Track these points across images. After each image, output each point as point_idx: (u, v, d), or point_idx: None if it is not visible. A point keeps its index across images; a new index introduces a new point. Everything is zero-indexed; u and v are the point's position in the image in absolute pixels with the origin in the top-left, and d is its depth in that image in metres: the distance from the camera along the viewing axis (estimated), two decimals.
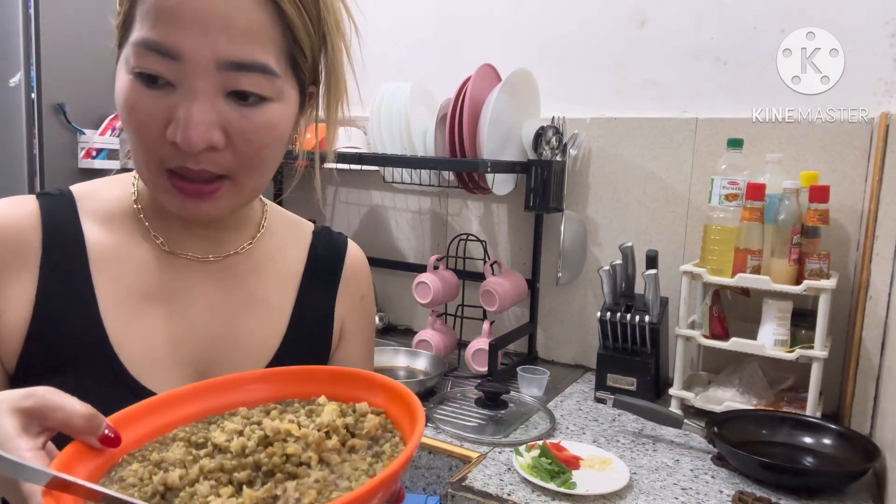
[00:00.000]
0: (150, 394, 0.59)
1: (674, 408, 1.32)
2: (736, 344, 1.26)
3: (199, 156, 0.55)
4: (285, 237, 0.74)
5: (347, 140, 1.79)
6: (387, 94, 1.64)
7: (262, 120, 0.56)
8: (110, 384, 0.60)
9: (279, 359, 0.68)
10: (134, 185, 0.67)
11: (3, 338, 0.58)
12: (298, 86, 0.61)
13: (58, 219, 0.62)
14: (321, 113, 0.69)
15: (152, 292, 0.63)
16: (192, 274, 0.66)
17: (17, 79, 1.34)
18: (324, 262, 0.74)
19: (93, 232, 0.63)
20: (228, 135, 0.56)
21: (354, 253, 0.77)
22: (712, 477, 1.10)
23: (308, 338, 0.72)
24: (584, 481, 1.03)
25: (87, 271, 0.61)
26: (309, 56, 0.60)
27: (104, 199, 0.65)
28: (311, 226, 0.78)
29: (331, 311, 0.74)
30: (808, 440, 1.17)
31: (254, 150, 0.57)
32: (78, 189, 0.66)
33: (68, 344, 0.59)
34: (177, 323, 0.64)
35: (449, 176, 1.65)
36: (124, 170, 0.71)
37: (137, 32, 0.54)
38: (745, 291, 1.37)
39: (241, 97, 0.55)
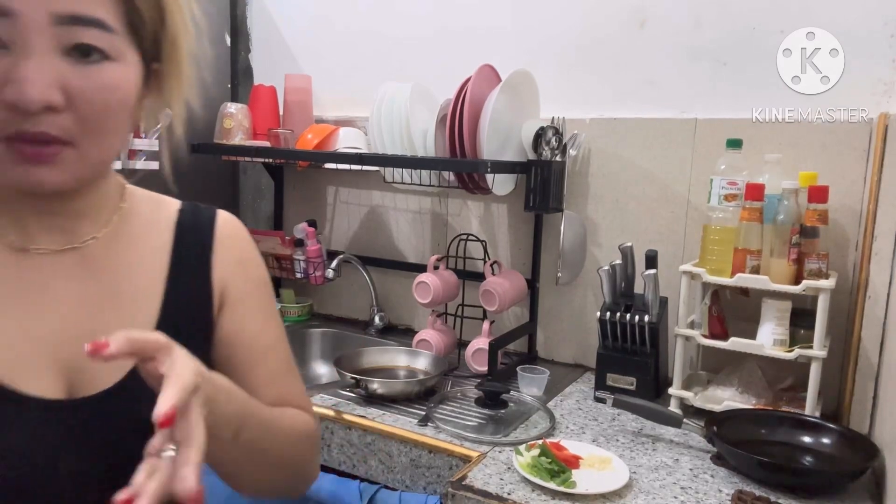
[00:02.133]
0: (22, 396, 0.58)
1: (673, 407, 1.32)
2: (735, 344, 1.26)
3: (38, 117, 0.53)
4: (149, 218, 0.71)
5: (347, 140, 1.80)
6: (387, 94, 1.64)
7: (102, 79, 0.55)
8: None
9: None
10: None
11: None
12: (140, 53, 0.59)
13: None
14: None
15: (5, 293, 0.60)
16: (47, 269, 0.62)
17: None
18: (192, 236, 0.72)
19: None
20: (69, 96, 0.54)
21: (225, 219, 0.75)
22: (711, 476, 1.10)
23: (186, 313, 0.69)
24: (584, 480, 1.03)
25: None
26: (149, 25, 0.59)
27: None
28: (177, 203, 0.74)
29: (207, 280, 0.71)
30: (807, 439, 1.17)
31: (96, 112, 0.55)
32: None
33: None
34: (36, 323, 0.61)
35: (449, 176, 1.66)
36: None
37: None
38: (744, 291, 1.37)
39: (81, 53, 0.54)
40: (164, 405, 0.48)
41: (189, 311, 0.69)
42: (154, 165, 1.52)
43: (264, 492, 0.74)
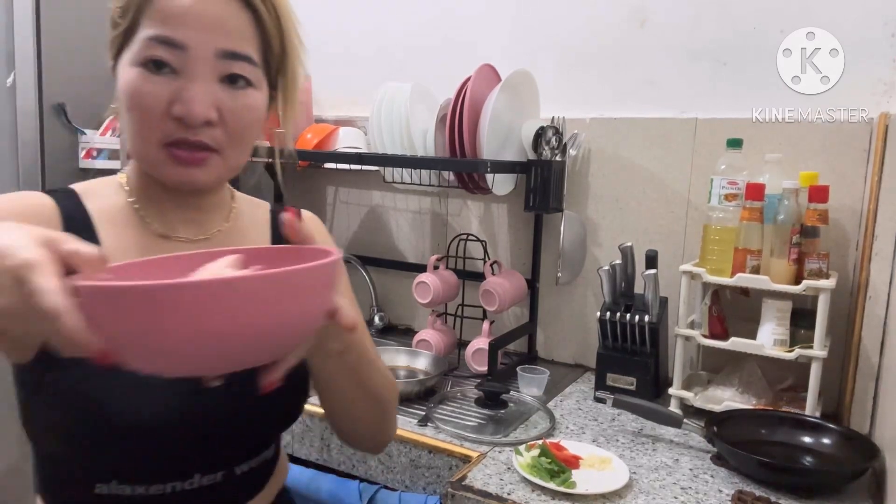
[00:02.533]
0: None
1: (673, 407, 1.32)
2: (735, 344, 1.26)
3: (198, 129, 0.67)
4: (251, 216, 0.84)
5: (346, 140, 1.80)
6: (387, 94, 1.64)
7: (246, 102, 0.69)
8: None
9: None
10: (123, 184, 0.76)
11: None
12: (268, 82, 0.73)
13: (72, 214, 0.70)
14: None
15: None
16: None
17: (11, 78, 1.34)
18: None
19: (100, 227, 0.71)
20: (221, 114, 0.68)
21: (310, 217, 0.87)
22: (712, 476, 1.10)
23: None
24: (584, 481, 1.03)
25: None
26: (275, 61, 0.73)
27: (103, 195, 0.74)
28: (266, 204, 0.88)
29: None
30: (807, 440, 1.17)
31: (240, 127, 0.69)
32: (78, 188, 0.74)
33: None
34: None
35: (449, 176, 1.66)
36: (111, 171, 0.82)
37: (147, 31, 0.66)
38: (744, 291, 1.37)
39: (231, 80, 0.68)
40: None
41: None
42: None
43: (358, 433, 0.84)
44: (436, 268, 1.66)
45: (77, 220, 0.70)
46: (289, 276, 0.46)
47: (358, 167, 1.74)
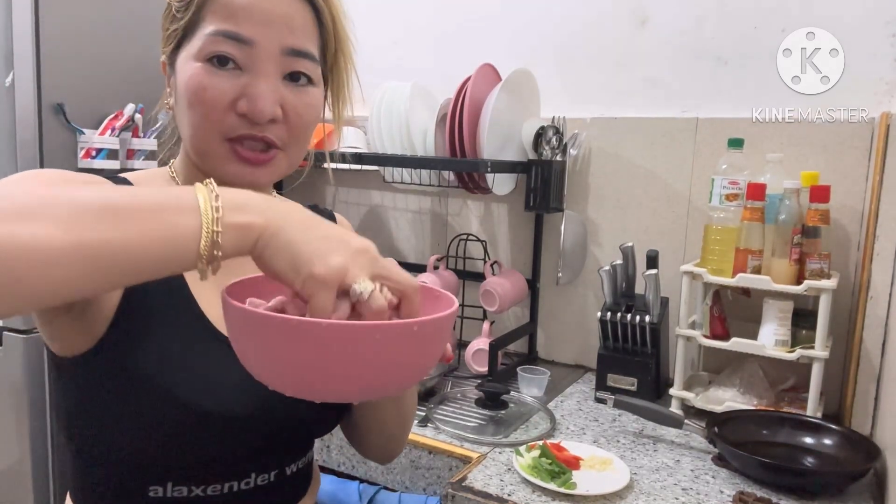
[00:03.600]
0: (223, 337, 0.68)
1: (674, 408, 1.32)
2: (736, 344, 1.26)
3: (263, 125, 0.67)
4: None
5: (347, 139, 1.79)
6: (387, 94, 1.64)
7: (308, 99, 0.70)
8: (193, 329, 0.68)
9: None
10: (174, 177, 0.75)
11: None
12: (323, 80, 0.74)
13: None
14: (328, 114, 0.80)
15: None
16: None
17: (10, 78, 1.34)
18: None
19: None
20: (285, 111, 0.68)
21: (341, 220, 0.91)
22: (713, 477, 1.09)
23: None
24: (585, 481, 1.02)
25: None
26: (330, 57, 0.74)
27: (157, 186, 0.73)
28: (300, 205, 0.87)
29: None
30: (808, 440, 1.17)
31: (301, 124, 0.70)
32: (132, 178, 0.73)
33: (160, 302, 0.67)
34: None
35: (449, 176, 1.65)
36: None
37: (211, 27, 0.65)
38: (745, 291, 1.37)
39: (293, 78, 0.69)
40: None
41: None
42: (153, 165, 1.52)
43: (384, 447, 0.86)
44: (436, 268, 1.65)
45: None
46: (442, 320, 0.52)
47: (358, 167, 1.74)
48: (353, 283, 0.49)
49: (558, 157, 1.54)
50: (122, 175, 0.73)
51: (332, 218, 0.90)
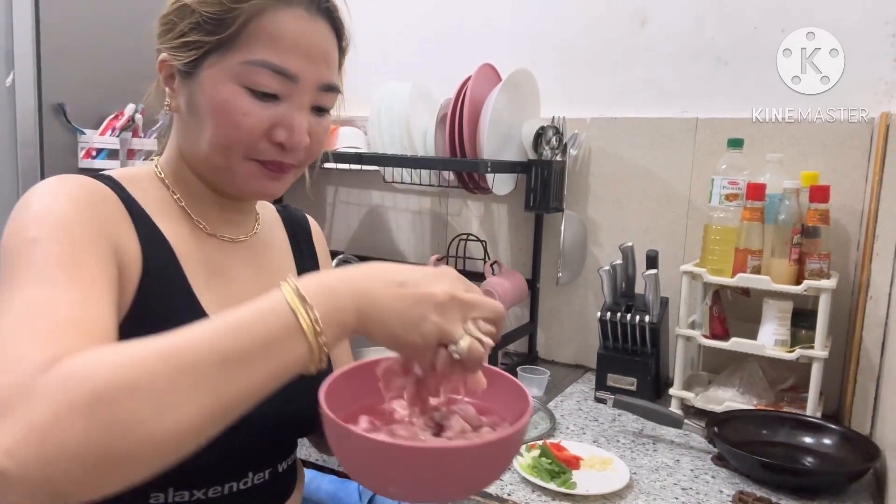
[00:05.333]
0: None
1: (674, 408, 1.32)
2: (736, 344, 1.26)
3: (294, 152, 0.70)
4: (267, 216, 0.87)
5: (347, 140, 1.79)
6: (387, 94, 1.64)
7: (325, 125, 0.74)
8: None
9: None
10: (160, 177, 0.75)
11: (123, 280, 0.64)
12: None
13: (128, 203, 0.69)
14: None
15: (210, 267, 0.74)
16: (230, 253, 0.77)
17: (10, 78, 1.34)
18: (298, 235, 0.90)
19: (155, 218, 0.71)
20: (309, 137, 0.71)
21: (312, 220, 0.94)
22: (712, 477, 1.09)
23: None
24: (585, 481, 1.03)
25: (167, 245, 0.70)
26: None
27: (143, 186, 0.73)
28: (270, 204, 0.90)
29: (315, 265, 0.90)
30: (808, 440, 1.17)
31: (319, 148, 0.74)
32: (116, 176, 0.72)
33: (166, 304, 0.67)
34: (233, 292, 0.75)
35: (449, 176, 1.65)
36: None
37: (257, 55, 0.66)
38: (745, 291, 1.37)
39: (319, 110, 0.72)
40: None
41: None
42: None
43: None
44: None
45: (134, 211, 0.69)
46: (523, 427, 0.60)
47: (358, 167, 1.74)
48: (450, 343, 0.55)
49: (558, 157, 1.54)
50: (108, 173, 0.72)
51: (304, 220, 0.92)
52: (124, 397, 0.43)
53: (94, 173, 0.70)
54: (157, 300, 0.67)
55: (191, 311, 0.70)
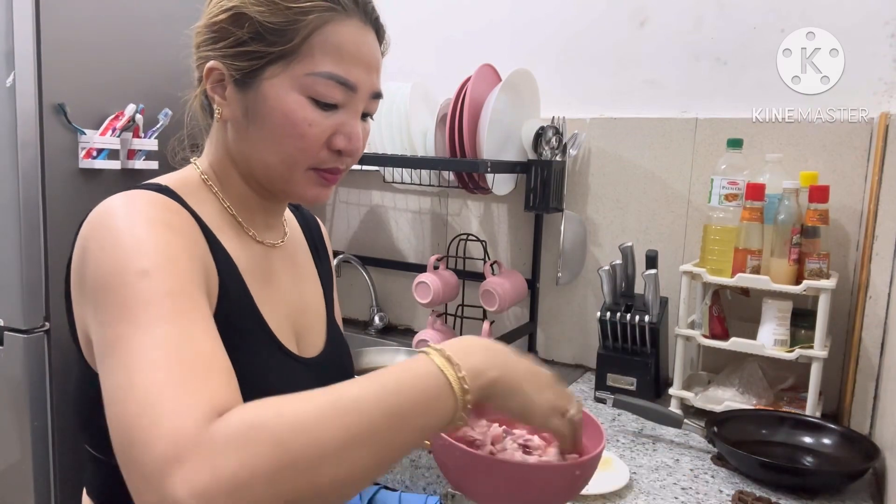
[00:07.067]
0: (291, 354, 0.76)
1: (673, 407, 1.32)
2: (736, 344, 1.26)
3: (349, 158, 0.74)
4: (290, 220, 0.89)
5: None
6: (386, 94, 1.64)
7: (367, 131, 0.76)
8: (268, 349, 0.73)
9: (328, 319, 0.88)
10: (206, 182, 0.76)
11: (209, 293, 0.65)
12: None
13: (195, 215, 0.69)
14: None
15: (262, 277, 0.76)
16: (275, 257, 0.80)
17: (11, 79, 1.34)
18: (312, 235, 0.93)
19: (217, 234, 0.72)
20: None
21: (321, 223, 0.98)
22: (712, 476, 1.10)
23: (328, 286, 0.91)
24: None
25: (232, 261, 0.72)
26: None
27: (198, 199, 0.73)
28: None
29: (329, 264, 0.95)
30: (807, 440, 1.17)
31: (360, 152, 0.75)
32: (174, 187, 0.71)
33: (240, 327, 0.70)
34: (281, 298, 0.78)
35: (449, 176, 1.66)
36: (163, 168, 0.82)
37: (324, 67, 0.68)
38: (744, 291, 1.37)
39: (364, 116, 0.75)
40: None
41: (328, 284, 0.92)
42: (153, 165, 1.52)
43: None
44: (436, 268, 1.66)
45: (203, 227, 0.69)
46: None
47: (358, 167, 1.74)
48: (568, 412, 0.65)
49: (558, 158, 1.54)
50: (165, 185, 0.71)
51: (315, 220, 0.96)
52: (315, 461, 0.47)
53: (155, 185, 0.69)
54: (232, 320, 0.67)
55: (260, 330, 0.72)
